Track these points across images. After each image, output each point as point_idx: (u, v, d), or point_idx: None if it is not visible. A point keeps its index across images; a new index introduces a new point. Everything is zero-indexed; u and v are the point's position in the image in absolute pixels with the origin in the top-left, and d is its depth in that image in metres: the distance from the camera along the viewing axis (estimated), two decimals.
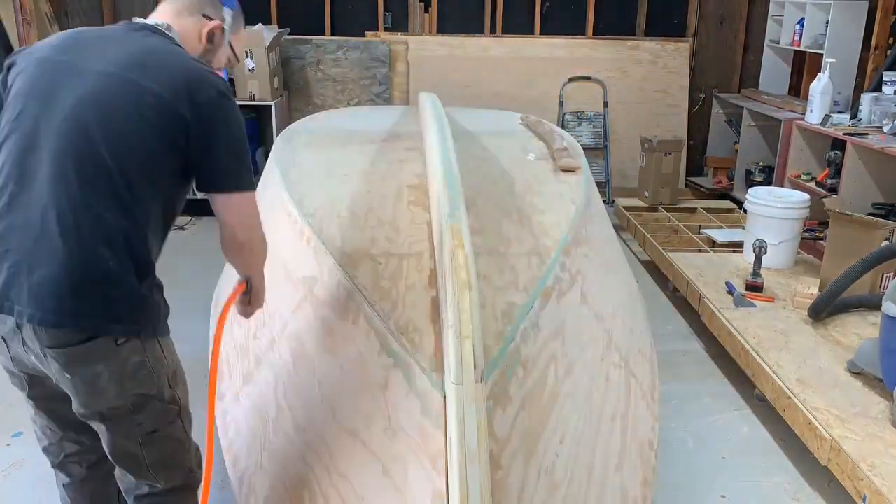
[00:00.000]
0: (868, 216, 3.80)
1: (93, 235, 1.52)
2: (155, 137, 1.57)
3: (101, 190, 1.53)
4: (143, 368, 1.62)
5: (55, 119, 1.55)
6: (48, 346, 1.54)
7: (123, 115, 1.55)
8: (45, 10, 5.54)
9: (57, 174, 1.52)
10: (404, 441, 1.46)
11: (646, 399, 2.08)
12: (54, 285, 1.51)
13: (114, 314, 1.56)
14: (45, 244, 1.51)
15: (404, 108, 4.37)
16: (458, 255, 1.47)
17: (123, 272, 1.56)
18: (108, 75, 1.58)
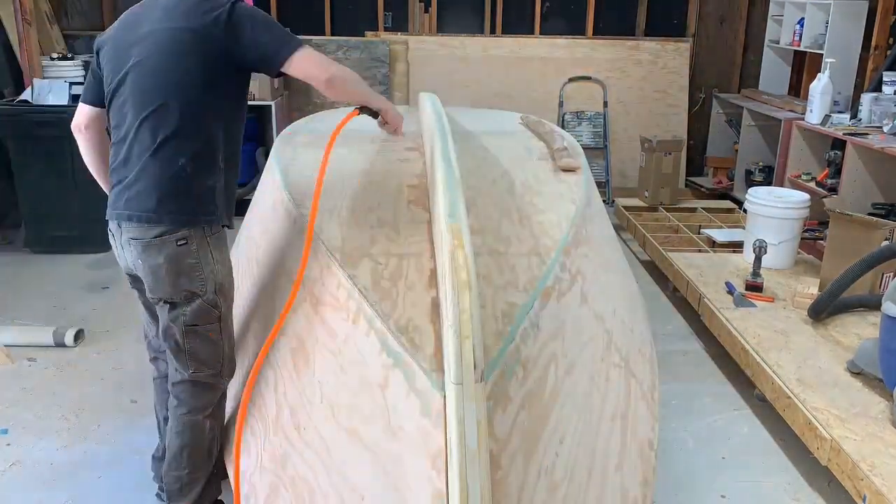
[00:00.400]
0: (868, 216, 3.80)
1: (168, 156, 1.99)
2: (200, 65, 1.99)
3: (171, 124, 1.98)
4: (195, 270, 2.03)
5: (128, 84, 2.03)
6: (130, 239, 2.06)
7: (171, 59, 1.99)
8: (45, 10, 5.54)
9: (141, 126, 2.00)
10: (404, 441, 1.46)
11: (646, 399, 2.08)
12: (141, 192, 2.01)
13: (182, 214, 2.01)
14: (134, 166, 2.02)
15: (404, 108, 4.37)
16: (458, 255, 1.47)
17: (192, 179, 2.02)
18: (156, 32, 2.02)
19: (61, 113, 4.61)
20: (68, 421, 2.93)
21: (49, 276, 4.46)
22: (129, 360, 3.41)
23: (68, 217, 4.74)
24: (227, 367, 2.15)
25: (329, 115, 3.97)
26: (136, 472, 2.63)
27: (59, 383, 3.22)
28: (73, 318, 3.85)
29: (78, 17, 6.31)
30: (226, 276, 2.12)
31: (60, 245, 4.79)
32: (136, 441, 2.81)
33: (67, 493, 2.50)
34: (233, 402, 2.22)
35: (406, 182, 2.40)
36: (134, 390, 3.17)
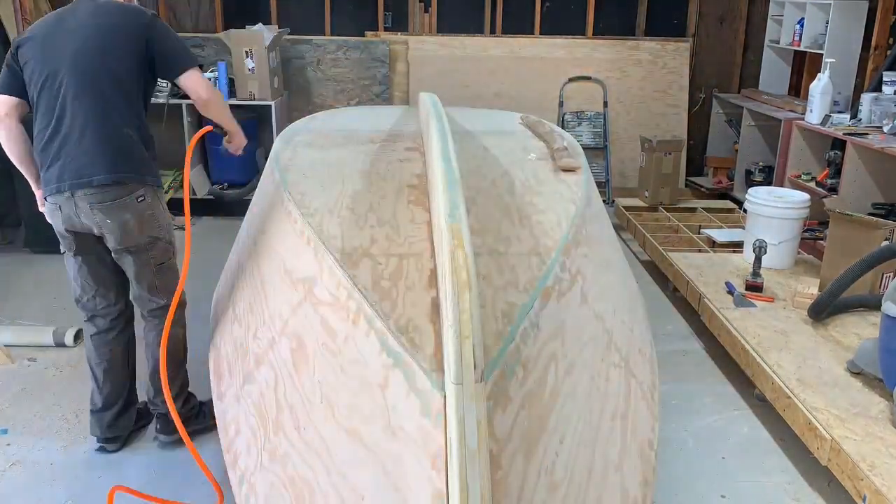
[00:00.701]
0: (868, 216, 3.80)
1: (116, 126, 2.42)
2: (129, 55, 2.45)
3: (111, 100, 2.42)
4: (153, 219, 2.55)
5: (64, 73, 2.40)
6: (92, 204, 2.41)
7: (105, 49, 2.43)
8: (45, 10, 5.54)
9: (81, 103, 2.39)
10: (404, 441, 1.46)
11: (646, 399, 2.08)
12: (97, 159, 2.39)
13: (136, 175, 2.46)
14: (88, 142, 2.39)
15: (404, 108, 4.37)
16: (458, 255, 1.47)
17: (136, 146, 2.47)
18: (82, 30, 2.43)
19: None
20: (68, 421, 2.93)
21: (49, 276, 4.46)
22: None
23: None
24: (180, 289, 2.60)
25: (329, 115, 3.97)
26: (137, 472, 2.63)
27: (59, 383, 3.22)
28: (73, 318, 3.85)
29: None
30: (168, 218, 2.67)
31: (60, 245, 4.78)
32: (136, 441, 2.81)
33: (67, 493, 2.50)
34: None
35: (406, 182, 2.39)
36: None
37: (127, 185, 2.44)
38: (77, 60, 2.40)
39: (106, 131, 2.41)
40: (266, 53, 5.40)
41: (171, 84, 2.67)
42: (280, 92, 5.82)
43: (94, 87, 2.40)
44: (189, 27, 6.36)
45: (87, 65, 2.40)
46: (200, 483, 2.56)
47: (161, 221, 2.59)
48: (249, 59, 5.39)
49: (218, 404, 2.27)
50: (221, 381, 2.31)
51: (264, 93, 5.49)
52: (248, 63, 5.41)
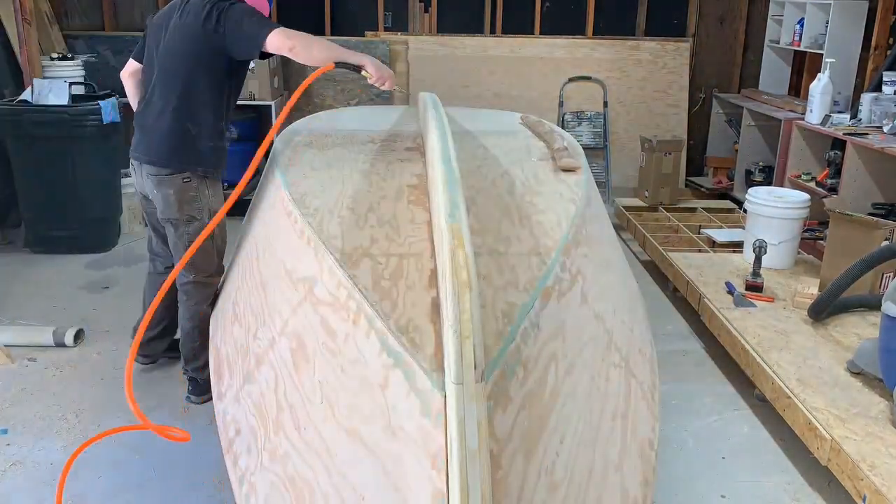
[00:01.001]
0: (868, 216, 3.80)
1: (179, 119, 2.78)
2: (199, 52, 2.73)
3: (180, 98, 2.77)
4: (194, 200, 2.86)
5: (157, 59, 2.83)
6: (149, 174, 2.86)
7: (184, 45, 2.75)
8: (45, 10, 5.54)
9: (160, 90, 2.81)
10: (404, 441, 1.46)
11: (646, 399, 2.08)
12: (157, 144, 2.82)
13: (186, 163, 2.82)
14: (154, 124, 2.82)
15: (404, 108, 4.37)
16: (458, 255, 1.47)
17: (193, 139, 2.81)
18: (173, 25, 2.79)
19: (61, 113, 4.61)
20: (68, 421, 2.93)
21: (49, 276, 4.46)
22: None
23: (68, 217, 4.74)
24: (218, 271, 2.96)
25: (329, 115, 3.97)
26: (137, 472, 2.63)
27: (59, 383, 3.22)
28: (73, 318, 3.85)
29: (78, 17, 6.31)
30: (218, 206, 2.85)
31: (60, 245, 4.79)
32: (136, 441, 2.81)
33: (67, 493, 2.50)
34: None
35: (406, 182, 2.39)
36: (134, 390, 3.16)
37: (174, 168, 2.82)
38: (163, 57, 2.81)
39: (170, 123, 2.79)
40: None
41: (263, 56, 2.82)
42: (280, 92, 5.82)
43: (168, 83, 2.80)
44: None
45: (167, 62, 2.80)
46: (201, 484, 2.56)
47: (201, 204, 2.88)
48: None
49: (218, 404, 2.27)
50: (221, 381, 2.31)
51: (264, 93, 5.49)
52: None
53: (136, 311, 3.73)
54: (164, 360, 3.39)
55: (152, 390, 3.16)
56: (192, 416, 2.98)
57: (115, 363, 3.39)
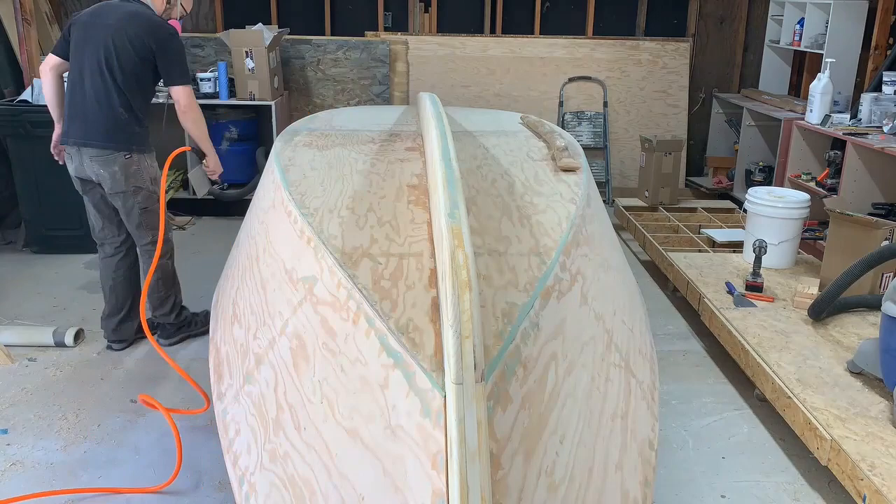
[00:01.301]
0: (868, 216, 3.80)
1: (113, 106, 3.23)
2: (137, 59, 3.22)
3: (114, 87, 3.22)
4: (138, 172, 3.29)
5: (89, 55, 3.22)
6: (91, 157, 3.25)
7: (120, 48, 3.20)
8: (45, 10, 5.54)
9: (94, 82, 3.22)
10: (404, 441, 1.46)
11: (646, 399, 2.08)
12: (97, 128, 3.23)
13: (124, 142, 3.25)
14: (92, 111, 3.23)
15: (404, 108, 4.37)
16: (458, 255, 1.47)
17: (128, 123, 3.27)
18: (112, 27, 3.20)
19: None
20: (68, 421, 2.93)
21: (49, 276, 4.46)
22: (129, 360, 3.41)
23: (68, 217, 4.74)
24: (167, 228, 3.31)
25: (329, 115, 3.97)
26: (137, 472, 2.63)
27: (59, 383, 3.22)
28: (73, 318, 3.86)
29: None
30: (155, 173, 3.37)
31: (60, 245, 4.79)
32: (136, 441, 2.81)
33: (67, 493, 2.50)
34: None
35: (406, 182, 2.39)
36: (134, 390, 3.17)
37: (114, 148, 3.24)
38: (99, 52, 3.19)
39: (106, 110, 3.22)
40: (266, 53, 5.40)
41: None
42: (280, 92, 5.82)
43: (105, 75, 3.21)
44: (189, 27, 6.37)
45: (105, 58, 3.19)
46: (200, 484, 2.56)
47: (144, 175, 3.30)
48: (249, 59, 5.39)
49: (218, 404, 2.27)
50: (221, 381, 2.31)
51: (264, 93, 5.49)
52: (248, 63, 5.41)
53: None
54: (150, 352, 3.52)
55: (153, 390, 3.16)
56: (192, 415, 2.97)
57: (115, 363, 3.40)
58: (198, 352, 3.51)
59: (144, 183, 3.30)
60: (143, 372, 3.33)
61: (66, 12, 6.25)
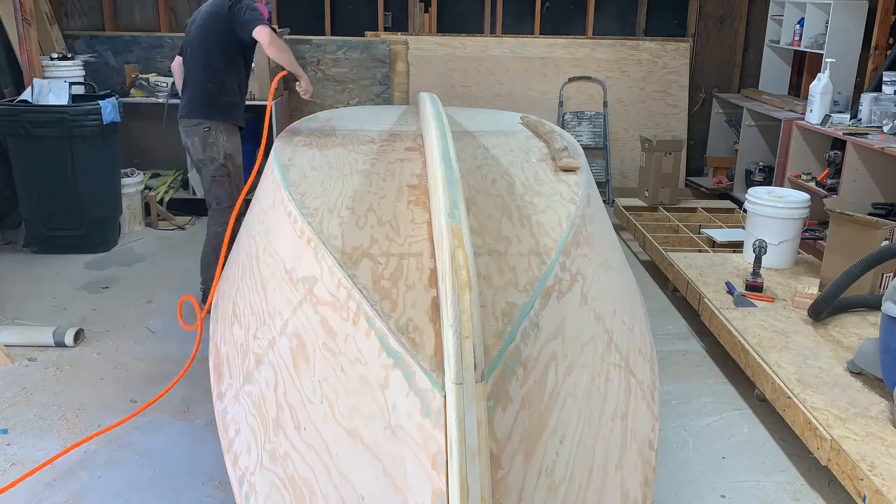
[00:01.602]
0: (868, 216, 3.80)
1: (202, 84, 3.75)
2: (219, 32, 3.69)
3: (204, 62, 3.74)
4: (214, 144, 3.76)
5: (191, 45, 3.79)
6: (182, 128, 3.81)
7: (206, 28, 3.73)
8: (45, 10, 5.54)
9: (190, 66, 3.80)
10: (404, 441, 1.46)
11: (646, 399, 2.08)
12: (186, 103, 3.79)
13: (206, 113, 3.74)
14: (187, 90, 3.82)
15: (404, 108, 4.37)
16: (458, 255, 1.47)
17: (213, 96, 3.74)
18: (201, 18, 3.77)
19: (61, 113, 4.61)
20: (68, 421, 2.93)
21: (49, 276, 4.46)
22: (129, 360, 3.41)
23: (68, 217, 4.74)
24: (231, 203, 3.64)
25: (329, 115, 3.98)
26: (136, 471, 2.63)
27: (59, 383, 3.22)
28: (73, 318, 3.86)
29: (78, 17, 6.31)
30: (232, 150, 3.80)
31: (60, 245, 4.79)
32: (136, 441, 2.81)
33: (67, 493, 2.50)
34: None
35: (406, 182, 2.40)
36: (134, 390, 3.17)
37: (198, 119, 3.74)
38: (192, 40, 3.78)
39: (194, 89, 3.77)
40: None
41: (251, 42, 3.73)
42: (280, 92, 5.82)
43: (196, 56, 3.76)
44: None
45: (195, 43, 3.76)
46: (200, 484, 2.56)
47: (219, 147, 3.76)
48: None
49: (218, 404, 2.27)
50: (221, 381, 2.31)
51: (264, 93, 5.48)
52: None
53: (137, 310, 3.90)
54: (150, 352, 3.51)
55: (152, 391, 3.16)
56: (192, 416, 2.98)
57: (115, 363, 3.40)
58: (198, 351, 3.51)
59: (218, 155, 3.75)
60: (144, 372, 3.33)
61: (66, 12, 6.25)
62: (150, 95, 5.60)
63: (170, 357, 3.45)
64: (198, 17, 3.80)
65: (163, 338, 3.66)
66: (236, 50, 3.75)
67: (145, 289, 4.27)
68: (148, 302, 4.07)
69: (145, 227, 5.45)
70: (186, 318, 3.34)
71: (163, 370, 3.33)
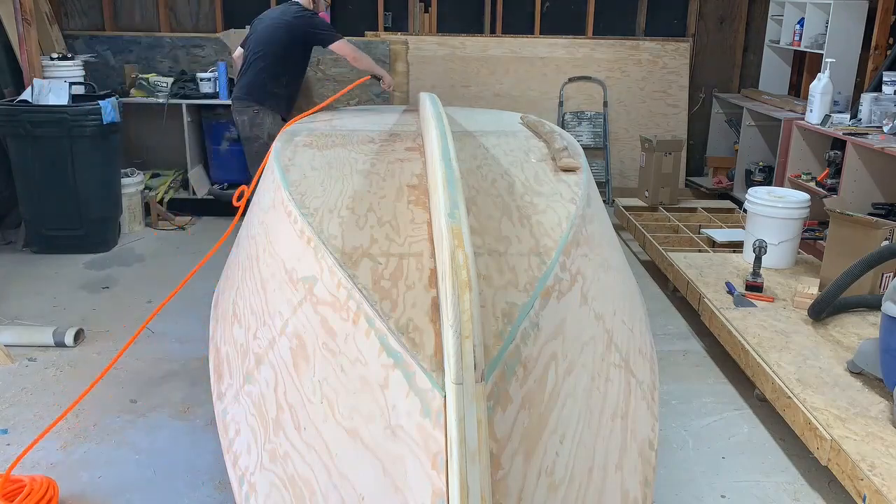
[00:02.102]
0: (868, 216, 3.80)
1: (258, 72, 4.47)
2: (286, 36, 4.41)
3: (265, 56, 4.44)
4: (260, 125, 4.45)
5: (253, 41, 4.52)
6: (235, 108, 4.58)
7: (276, 30, 4.42)
8: (45, 10, 5.54)
9: (250, 57, 4.50)
10: (404, 441, 1.46)
11: (646, 399, 2.08)
12: (241, 86, 4.54)
13: (257, 96, 4.46)
14: (243, 76, 4.55)
15: (404, 108, 4.38)
16: (458, 255, 1.47)
17: (265, 83, 4.47)
18: (270, 20, 4.49)
19: (61, 113, 4.61)
20: (68, 421, 2.93)
21: (49, 276, 4.46)
22: (129, 360, 3.41)
23: (68, 217, 4.74)
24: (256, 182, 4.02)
25: (329, 115, 3.98)
26: (137, 472, 2.63)
27: (59, 383, 3.22)
28: (73, 318, 3.86)
29: (78, 17, 6.31)
30: (274, 132, 3.98)
31: (60, 245, 4.79)
32: (136, 441, 2.81)
33: (68, 493, 2.50)
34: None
35: (406, 182, 2.39)
36: (134, 390, 3.17)
37: (249, 102, 4.44)
38: (259, 36, 4.44)
39: (251, 75, 4.46)
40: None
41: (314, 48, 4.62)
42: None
43: (258, 51, 4.42)
44: (189, 27, 6.37)
45: (261, 39, 4.43)
46: (200, 484, 2.56)
47: (264, 128, 4.41)
48: None
49: (218, 404, 2.27)
50: (221, 381, 2.31)
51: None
52: None
53: (137, 310, 3.92)
54: (150, 352, 3.45)
55: (153, 390, 3.16)
56: (192, 416, 2.98)
57: (115, 363, 3.39)
58: (198, 351, 3.51)
59: (263, 134, 4.37)
60: (144, 372, 3.33)
61: (67, 12, 6.25)
62: (150, 95, 5.60)
63: (170, 357, 3.45)
64: (266, 19, 4.48)
65: (163, 338, 3.66)
66: (294, 54, 4.46)
67: (145, 289, 4.27)
68: (148, 302, 4.07)
69: (145, 227, 5.45)
70: None
71: (163, 370, 3.34)
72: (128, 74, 5.75)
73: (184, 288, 3.70)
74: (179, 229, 5.43)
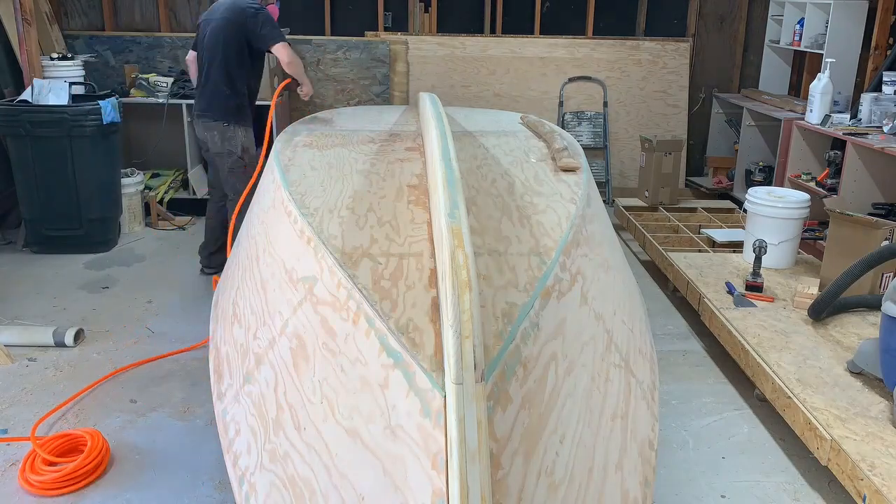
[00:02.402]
0: (868, 216, 3.80)
1: (217, 84, 4.11)
2: (234, 41, 4.06)
3: (220, 66, 4.09)
4: (231, 139, 4.15)
5: (204, 46, 4.13)
6: (203, 123, 4.17)
7: (223, 33, 4.06)
8: (45, 10, 5.54)
9: (207, 63, 4.12)
10: (404, 441, 1.46)
11: (646, 399, 2.08)
12: (204, 102, 4.17)
13: (223, 114, 4.13)
14: (203, 89, 4.18)
15: (404, 108, 4.37)
16: (458, 255, 1.47)
17: (228, 98, 4.12)
18: (217, 19, 4.09)
19: (61, 113, 4.61)
20: (68, 421, 2.93)
21: (49, 276, 4.46)
22: (129, 361, 3.41)
23: (68, 217, 4.74)
24: (242, 192, 3.96)
25: (329, 115, 3.98)
26: (137, 471, 2.63)
27: (59, 383, 3.22)
28: (73, 318, 3.85)
29: (78, 17, 6.31)
30: (248, 144, 4.22)
31: (60, 245, 4.79)
32: (136, 441, 2.81)
33: (67, 493, 2.50)
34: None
35: (406, 182, 2.39)
36: (134, 390, 3.17)
37: (216, 119, 4.13)
38: (208, 42, 4.10)
39: (211, 88, 4.13)
40: (266, 53, 5.38)
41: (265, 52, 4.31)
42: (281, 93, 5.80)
43: (212, 60, 4.10)
44: (189, 27, 6.36)
45: (211, 46, 4.09)
46: (200, 484, 2.56)
47: (235, 142, 4.15)
48: None
49: (218, 404, 2.27)
50: (221, 381, 2.31)
51: (264, 93, 5.48)
52: None
53: (137, 310, 3.92)
54: (150, 352, 3.42)
55: (153, 390, 3.16)
56: (192, 416, 2.98)
57: (115, 363, 3.39)
58: (198, 351, 3.51)
59: (236, 149, 4.16)
60: (143, 372, 3.33)
61: (67, 12, 6.25)
62: (150, 95, 5.60)
63: (170, 357, 3.45)
64: (213, 19, 4.09)
65: (162, 338, 3.66)
66: (250, 56, 4.15)
67: (145, 289, 4.27)
68: (148, 302, 4.07)
69: (145, 227, 5.45)
70: None
71: (164, 370, 3.33)
72: (128, 74, 5.75)
73: (184, 288, 3.69)
74: (179, 229, 5.43)
